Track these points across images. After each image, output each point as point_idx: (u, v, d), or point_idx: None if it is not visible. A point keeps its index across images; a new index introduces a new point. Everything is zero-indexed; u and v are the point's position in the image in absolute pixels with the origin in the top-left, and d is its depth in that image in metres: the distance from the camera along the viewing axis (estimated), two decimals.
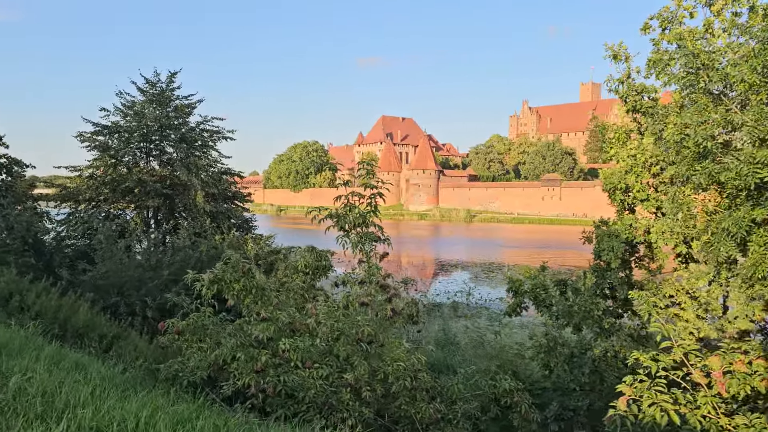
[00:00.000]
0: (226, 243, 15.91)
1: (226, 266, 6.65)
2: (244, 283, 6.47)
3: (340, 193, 6.69)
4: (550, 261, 41.81)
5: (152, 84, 18.91)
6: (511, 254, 62.37)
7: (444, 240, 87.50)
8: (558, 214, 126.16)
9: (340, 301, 6.32)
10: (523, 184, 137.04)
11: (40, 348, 5.59)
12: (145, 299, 12.10)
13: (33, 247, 14.62)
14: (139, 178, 17.48)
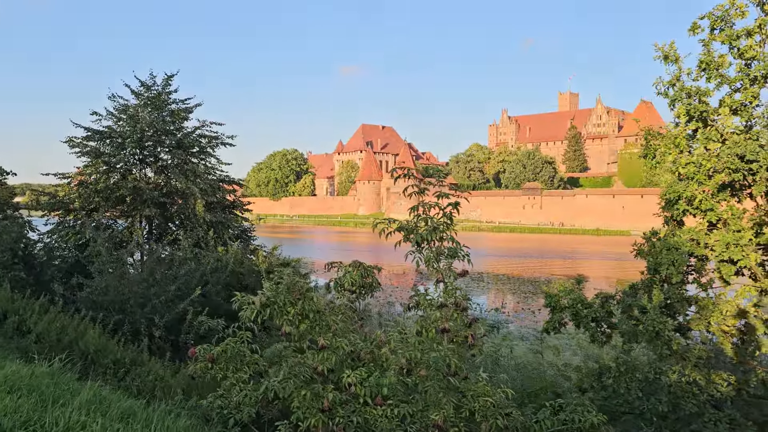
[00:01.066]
0: (230, 255, 15.02)
1: (279, 287, 5.83)
2: (302, 306, 5.65)
3: (412, 203, 5.97)
4: (535, 270, 41.30)
5: (147, 87, 17.91)
6: (495, 263, 61.97)
7: None
8: (539, 223, 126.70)
9: (412, 326, 5.55)
10: (504, 193, 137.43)
11: (75, 391, 4.72)
12: (152, 317, 11.15)
13: (23, 260, 13.54)
14: (135, 186, 16.46)
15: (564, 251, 78.60)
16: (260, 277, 14.89)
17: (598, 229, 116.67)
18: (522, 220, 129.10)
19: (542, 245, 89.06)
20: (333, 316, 5.85)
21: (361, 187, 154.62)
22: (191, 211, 16.55)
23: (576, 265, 59.54)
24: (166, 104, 17.99)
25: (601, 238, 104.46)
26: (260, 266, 13.26)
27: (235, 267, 14.10)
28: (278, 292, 5.74)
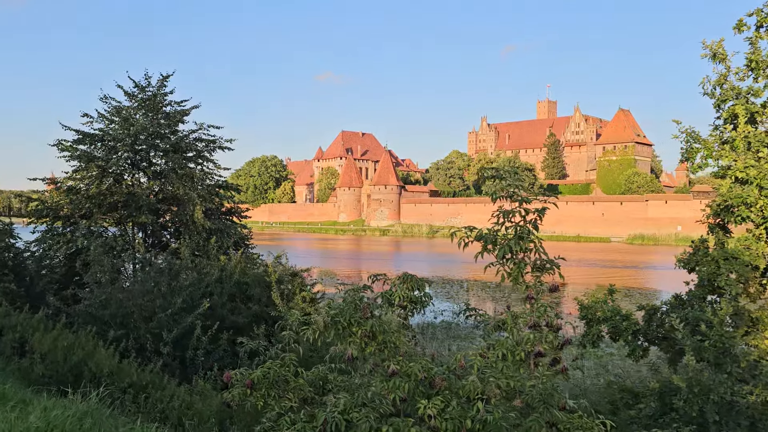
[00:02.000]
0: (233, 263, 14.22)
1: (345, 304, 5.14)
2: (372, 326, 4.97)
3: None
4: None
5: (142, 88, 17.05)
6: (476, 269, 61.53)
7: (410, 255, 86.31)
8: None
9: (494, 348, 4.92)
10: (484, 200, 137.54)
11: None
12: (159, 333, 10.33)
13: (13, 271, 12.61)
14: (129, 191, 15.58)
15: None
16: (267, 288, 14.13)
17: (578, 235, 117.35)
18: None
19: None
20: (402, 336, 5.18)
21: (341, 193, 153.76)
22: (189, 217, 15.71)
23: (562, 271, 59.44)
24: (161, 106, 17.16)
25: (581, 245, 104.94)
26: (271, 277, 12.47)
27: (240, 277, 13.33)
28: (343, 311, 5.05)
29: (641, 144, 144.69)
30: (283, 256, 15.63)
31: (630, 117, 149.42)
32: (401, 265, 71.73)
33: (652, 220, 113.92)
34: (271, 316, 12.96)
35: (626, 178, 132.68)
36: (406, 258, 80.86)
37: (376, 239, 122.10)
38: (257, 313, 13.00)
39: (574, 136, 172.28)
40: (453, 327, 28.45)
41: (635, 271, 61.54)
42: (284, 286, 12.89)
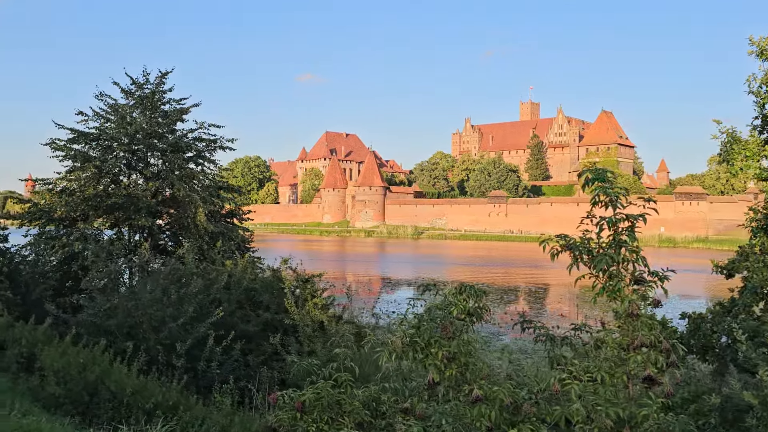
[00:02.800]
0: (239, 268, 13.61)
1: (424, 322, 4.61)
2: (457, 347, 4.44)
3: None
4: (507, 278, 39.60)
5: (140, 85, 16.34)
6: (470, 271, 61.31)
7: (396, 257, 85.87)
8: (504, 231, 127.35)
9: (587, 370, 4.43)
10: (469, 201, 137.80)
11: None
12: (171, 344, 9.68)
13: (8, 277, 11.86)
14: (128, 193, 14.87)
15: (534, 259, 78.71)
16: (277, 294, 13.52)
17: None
18: (488, 228, 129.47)
19: (513, 253, 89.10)
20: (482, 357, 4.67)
21: (325, 194, 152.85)
22: (191, 220, 15.04)
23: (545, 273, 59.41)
24: (159, 104, 16.47)
25: None
26: (286, 283, 11.89)
27: (249, 283, 12.72)
28: (422, 329, 4.52)
29: (624, 146, 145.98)
30: (291, 260, 15.04)
31: (612, 119, 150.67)
32: (388, 267, 71.26)
33: None
34: (284, 323, 12.38)
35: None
36: (392, 260, 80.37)
37: (362, 240, 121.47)
38: (268, 320, 12.41)
39: (557, 137, 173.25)
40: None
41: None
42: (298, 292, 12.31)
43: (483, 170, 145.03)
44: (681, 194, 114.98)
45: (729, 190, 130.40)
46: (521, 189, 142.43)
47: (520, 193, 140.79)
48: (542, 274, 59.25)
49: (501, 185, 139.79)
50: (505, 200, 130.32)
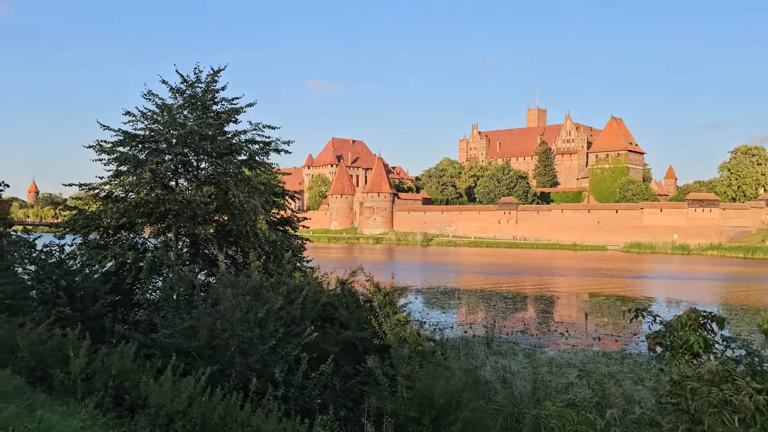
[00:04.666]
0: (307, 281, 12.49)
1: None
2: None
3: None
4: (528, 285, 37.29)
5: (191, 84, 15.26)
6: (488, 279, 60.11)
7: (406, 264, 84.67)
8: (513, 237, 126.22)
9: None
10: (479, 208, 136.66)
11: None
12: (263, 369, 8.56)
13: (66, 292, 10.75)
14: (183, 199, 13.76)
15: (550, 267, 77.45)
16: (351, 309, 12.39)
17: (575, 243, 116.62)
18: (497, 235, 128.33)
19: (527, 260, 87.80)
20: None
21: (333, 201, 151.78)
22: (249, 228, 13.93)
23: (564, 280, 58.20)
24: (211, 104, 15.40)
25: (578, 253, 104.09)
26: (374, 298, 10.77)
27: (328, 298, 11.60)
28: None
29: (634, 152, 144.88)
30: (359, 271, 13.93)
31: (622, 125, 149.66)
32: (401, 275, 70.03)
33: (647, 228, 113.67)
34: (367, 342, 11.27)
35: (620, 186, 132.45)
36: (403, 267, 79.11)
37: (370, 247, 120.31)
38: (348, 339, 11.29)
39: (565, 144, 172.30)
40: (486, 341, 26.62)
41: (641, 281, 60.44)
42: (387, 308, 11.19)
43: (492, 177, 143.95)
44: (693, 201, 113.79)
45: (740, 196, 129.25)
46: (530, 196, 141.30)
47: (530, 200, 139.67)
48: (558, 282, 58.05)
49: (510, 192, 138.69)
50: (515, 207, 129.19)
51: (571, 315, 38.89)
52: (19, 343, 7.35)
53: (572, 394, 14.40)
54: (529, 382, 14.35)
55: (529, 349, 25.49)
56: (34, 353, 7.28)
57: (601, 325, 33.50)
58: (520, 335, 28.94)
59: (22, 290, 10.79)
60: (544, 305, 43.82)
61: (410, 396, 8.87)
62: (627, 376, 21.06)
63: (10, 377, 6.16)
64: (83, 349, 6.89)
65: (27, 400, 5.30)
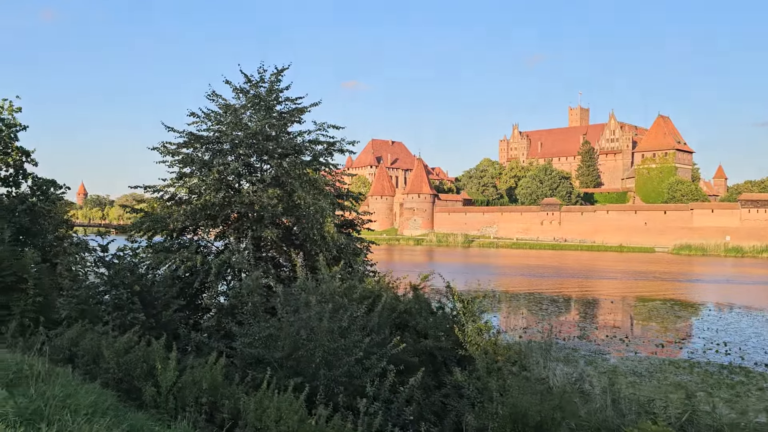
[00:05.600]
0: (380, 287, 11.98)
1: None
2: None
3: None
4: (580, 289, 35.38)
5: (255, 84, 14.94)
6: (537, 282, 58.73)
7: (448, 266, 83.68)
8: (554, 238, 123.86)
9: None
10: (521, 209, 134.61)
11: None
12: (349, 382, 8.07)
13: (139, 297, 10.47)
14: (250, 202, 13.41)
15: (598, 269, 75.50)
16: (428, 317, 11.83)
17: (621, 245, 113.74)
18: (540, 237, 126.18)
19: (573, 263, 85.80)
20: None
21: (373, 202, 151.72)
22: (316, 231, 13.49)
23: (614, 284, 56.43)
24: (275, 104, 15.04)
25: (625, 255, 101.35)
26: (458, 306, 10.19)
27: (405, 305, 11.07)
28: None
29: (682, 151, 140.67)
30: (431, 275, 13.37)
31: (670, 123, 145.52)
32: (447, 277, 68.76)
33: (697, 230, 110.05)
34: (450, 351, 10.69)
35: (669, 187, 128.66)
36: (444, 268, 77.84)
37: (411, 248, 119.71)
38: (427, 349, 10.71)
39: (609, 143, 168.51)
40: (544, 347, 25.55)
41: (696, 285, 58.21)
42: (472, 316, 10.59)
43: (534, 177, 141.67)
44: (747, 201, 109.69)
45: None
46: (574, 196, 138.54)
47: (573, 201, 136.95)
48: (608, 285, 56.32)
49: (553, 192, 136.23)
50: (558, 208, 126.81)
51: (626, 320, 37.53)
52: (104, 353, 7.02)
53: (657, 409, 13.52)
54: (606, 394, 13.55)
55: (589, 356, 24.53)
56: (119, 364, 6.95)
57: (661, 331, 32.19)
58: (577, 341, 27.94)
59: (94, 294, 10.57)
60: (597, 309, 42.45)
61: (504, 413, 8.25)
62: (699, 386, 19.99)
63: (101, 392, 5.80)
64: (172, 362, 6.49)
65: (126, 420, 4.89)
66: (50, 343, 8.17)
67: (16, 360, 6.05)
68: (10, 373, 5.33)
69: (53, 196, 20.11)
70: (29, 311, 10.93)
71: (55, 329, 9.77)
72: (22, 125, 20.75)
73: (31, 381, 5.25)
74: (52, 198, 20.03)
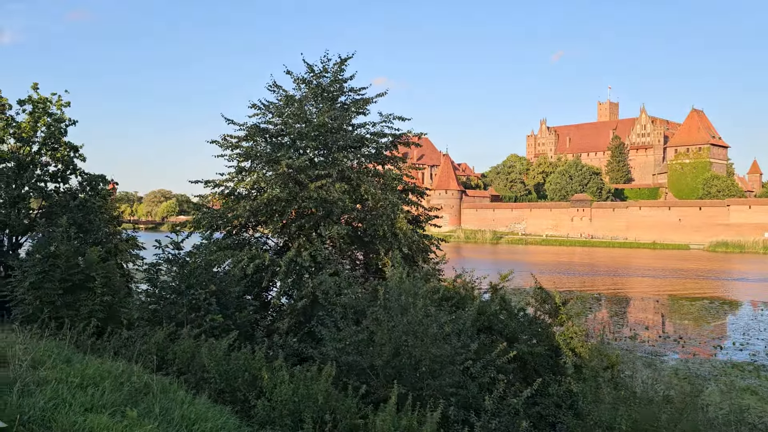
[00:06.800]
0: (463, 288, 11.26)
1: None
2: None
3: None
4: (618, 287, 33.68)
5: (318, 74, 14.29)
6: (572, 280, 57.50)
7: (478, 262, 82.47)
8: (581, 235, 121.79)
9: None
10: (550, 205, 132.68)
11: None
12: (464, 394, 7.36)
13: (216, 297, 9.87)
14: (319, 197, 12.76)
15: (634, 267, 73.80)
16: (513, 319, 11.08)
17: (654, 242, 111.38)
18: (570, 233, 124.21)
19: (606, 260, 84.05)
20: None
21: None
22: (388, 228, 12.80)
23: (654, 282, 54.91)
24: (338, 95, 14.39)
25: (659, 252, 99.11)
26: (563, 316, 9.41)
27: (496, 307, 10.33)
28: None
29: (716, 146, 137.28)
30: (511, 275, 12.60)
31: (704, 117, 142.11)
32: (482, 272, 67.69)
33: (734, 227, 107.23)
34: (543, 357, 9.95)
35: (704, 182, 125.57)
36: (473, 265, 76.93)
37: None
38: (520, 354, 9.96)
39: (639, 138, 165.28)
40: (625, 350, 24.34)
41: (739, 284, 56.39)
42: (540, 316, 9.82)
43: (564, 173, 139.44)
44: None
45: None
46: (605, 192, 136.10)
47: (604, 197, 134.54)
48: (648, 283, 54.83)
49: (583, 188, 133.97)
50: (589, 204, 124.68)
51: (675, 319, 36.29)
52: (205, 362, 6.41)
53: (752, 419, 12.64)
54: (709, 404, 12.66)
55: (647, 358, 23.58)
56: (221, 373, 6.33)
57: (714, 331, 31.01)
58: (629, 341, 26.99)
59: (167, 295, 10.00)
60: (642, 308, 41.22)
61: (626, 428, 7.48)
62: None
63: (211, 406, 5.16)
64: (285, 374, 5.84)
65: None
66: (133, 348, 7.61)
67: (118, 369, 5.45)
68: (124, 386, 4.73)
69: (103, 191, 19.74)
70: (97, 311, 10.42)
71: (124, 330, 9.23)
72: (72, 120, 20.41)
73: (150, 398, 4.63)
74: (103, 193, 19.65)
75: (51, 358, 5.30)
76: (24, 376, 4.41)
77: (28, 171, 19.22)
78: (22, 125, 19.57)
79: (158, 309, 9.85)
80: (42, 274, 10.33)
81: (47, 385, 4.33)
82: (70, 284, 10.55)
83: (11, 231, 18.24)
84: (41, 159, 19.87)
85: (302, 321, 10.84)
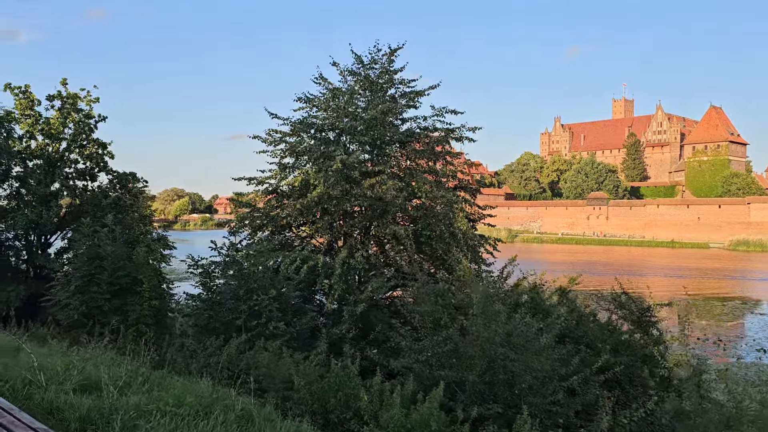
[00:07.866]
0: (530, 292, 10.49)
1: None
2: None
3: None
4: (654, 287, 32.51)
5: (367, 65, 13.54)
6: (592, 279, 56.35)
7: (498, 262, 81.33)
8: (594, 233, 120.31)
9: None
10: (566, 203, 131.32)
11: None
12: (566, 413, 6.61)
13: (278, 303, 9.15)
14: (374, 195, 12.01)
15: (655, 266, 72.53)
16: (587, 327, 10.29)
17: (673, 241, 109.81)
18: (585, 231, 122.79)
19: (625, 259, 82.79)
20: None
21: None
22: (445, 227, 12.04)
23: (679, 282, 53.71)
24: (389, 86, 13.64)
25: (677, 251, 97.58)
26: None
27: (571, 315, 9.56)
28: None
29: (735, 143, 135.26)
30: (576, 279, 11.81)
31: (722, 114, 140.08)
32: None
33: (755, 225, 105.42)
34: (629, 368, 9.17)
35: (723, 180, 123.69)
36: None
37: None
38: (608, 365, 9.17)
39: (655, 135, 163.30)
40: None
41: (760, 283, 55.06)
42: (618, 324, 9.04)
43: (579, 171, 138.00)
44: None
45: None
46: (621, 190, 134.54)
47: (620, 195, 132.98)
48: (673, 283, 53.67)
49: (600, 186, 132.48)
50: (605, 202, 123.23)
51: (711, 321, 35.28)
52: (295, 381, 5.69)
53: None
54: None
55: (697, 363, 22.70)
56: (312, 393, 5.61)
57: (754, 334, 30.08)
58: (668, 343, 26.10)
59: (223, 300, 9.30)
60: (671, 309, 40.23)
61: None
62: None
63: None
64: (395, 397, 5.11)
65: None
66: (203, 360, 6.91)
67: (207, 390, 4.73)
68: (228, 415, 4.02)
69: (135, 189, 19.12)
70: (146, 317, 9.76)
71: (177, 338, 8.56)
72: (101, 116, 19.80)
73: (257, 429, 3.89)
74: (134, 191, 19.04)
75: (132, 378, 4.59)
76: (117, 404, 3.71)
77: (58, 168, 18.66)
78: (50, 121, 19.02)
79: (212, 315, 9.15)
80: (88, 277, 9.68)
81: (151, 416, 3.65)
82: (117, 288, 9.90)
83: (40, 230, 17.67)
84: (70, 156, 19.31)
85: (361, 327, 10.11)
